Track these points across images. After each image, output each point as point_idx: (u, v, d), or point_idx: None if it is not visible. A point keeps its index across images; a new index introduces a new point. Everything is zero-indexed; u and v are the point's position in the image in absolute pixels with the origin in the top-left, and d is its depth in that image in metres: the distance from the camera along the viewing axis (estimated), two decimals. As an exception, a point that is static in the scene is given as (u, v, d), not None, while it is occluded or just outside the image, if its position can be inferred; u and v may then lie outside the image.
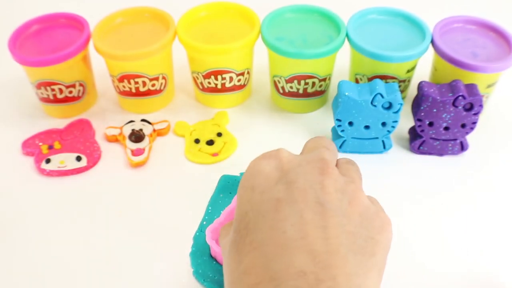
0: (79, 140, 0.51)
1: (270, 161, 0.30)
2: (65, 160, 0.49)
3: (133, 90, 0.52)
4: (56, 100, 0.52)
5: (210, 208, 0.44)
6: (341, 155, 0.50)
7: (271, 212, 0.27)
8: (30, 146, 0.50)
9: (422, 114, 0.47)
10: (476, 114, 0.46)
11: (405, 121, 0.52)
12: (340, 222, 0.26)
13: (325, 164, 0.29)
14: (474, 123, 0.47)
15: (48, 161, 0.49)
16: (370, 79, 0.51)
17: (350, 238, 0.26)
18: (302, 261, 0.24)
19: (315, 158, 0.29)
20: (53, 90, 0.51)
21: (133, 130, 0.51)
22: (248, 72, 0.54)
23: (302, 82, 0.51)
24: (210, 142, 0.51)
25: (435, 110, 0.46)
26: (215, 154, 0.50)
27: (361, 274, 0.25)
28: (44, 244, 0.42)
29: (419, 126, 0.48)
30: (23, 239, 0.43)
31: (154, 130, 0.52)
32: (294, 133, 0.53)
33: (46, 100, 0.53)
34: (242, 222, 0.28)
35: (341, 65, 0.54)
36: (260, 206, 0.27)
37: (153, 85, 0.52)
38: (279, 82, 0.53)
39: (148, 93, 0.53)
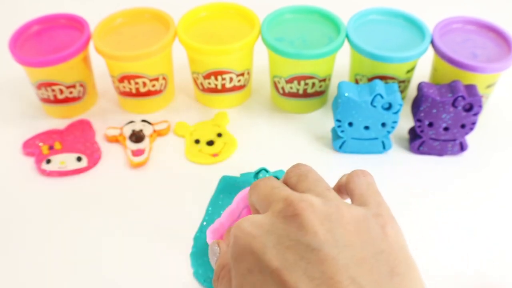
0: (79, 141, 0.51)
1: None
2: (65, 160, 0.49)
3: (133, 91, 0.52)
4: (57, 101, 0.53)
5: (210, 208, 0.44)
6: (341, 156, 0.50)
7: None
8: (30, 147, 0.50)
9: (422, 114, 0.47)
10: (476, 114, 0.46)
11: (405, 122, 0.52)
12: (346, 257, 0.24)
13: (290, 205, 0.26)
14: (474, 123, 0.47)
15: (48, 161, 0.49)
16: (370, 80, 0.51)
17: (365, 266, 0.24)
18: None
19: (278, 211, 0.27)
20: (53, 90, 0.51)
21: (133, 130, 0.51)
22: (248, 73, 0.54)
23: (302, 82, 0.51)
24: (210, 143, 0.51)
25: (434, 111, 0.46)
26: (215, 155, 0.50)
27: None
28: (45, 244, 0.43)
29: (419, 126, 0.48)
30: (24, 239, 0.43)
31: (155, 131, 0.52)
32: (294, 133, 0.53)
33: (46, 100, 0.53)
34: None
35: (341, 66, 0.54)
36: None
37: (153, 85, 0.53)
38: (279, 83, 0.53)
39: (148, 93, 0.53)
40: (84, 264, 0.41)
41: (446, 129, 0.47)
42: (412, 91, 0.56)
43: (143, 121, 0.53)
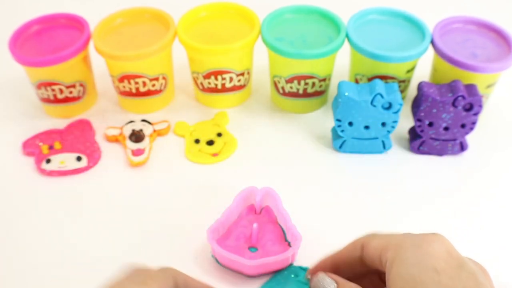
0: (79, 140, 0.51)
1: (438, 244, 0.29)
2: (65, 160, 0.49)
3: (133, 90, 0.52)
4: (57, 100, 0.52)
5: None
6: (341, 155, 0.50)
7: None
8: (30, 146, 0.50)
9: (422, 114, 0.47)
10: (476, 114, 0.46)
11: (405, 121, 0.52)
12: None
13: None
14: (474, 123, 0.47)
15: (48, 161, 0.49)
16: (370, 79, 0.51)
17: None
18: None
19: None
20: (53, 90, 0.51)
21: (133, 130, 0.51)
22: (248, 72, 0.54)
23: (302, 82, 0.51)
24: (210, 142, 0.51)
25: (434, 110, 0.46)
26: (215, 154, 0.50)
27: None
28: (45, 243, 0.43)
29: (419, 126, 0.48)
30: (24, 239, 0.43)
31: (154, 130, 0.52)
32: (294, 133, 0.53)
33: (46, 100, 0.53)
34: None
35: (341, 65, 0.54)
36: None
37: (153, 85, 0.53)
38: (279, 82, 0.53)
39: (148, 93, 0.53)
40: (84, 264, 0.41)
41: (446, 128, 0.47)
42: (412, 91, 0.56)
43: (143, 121, 0.53)
